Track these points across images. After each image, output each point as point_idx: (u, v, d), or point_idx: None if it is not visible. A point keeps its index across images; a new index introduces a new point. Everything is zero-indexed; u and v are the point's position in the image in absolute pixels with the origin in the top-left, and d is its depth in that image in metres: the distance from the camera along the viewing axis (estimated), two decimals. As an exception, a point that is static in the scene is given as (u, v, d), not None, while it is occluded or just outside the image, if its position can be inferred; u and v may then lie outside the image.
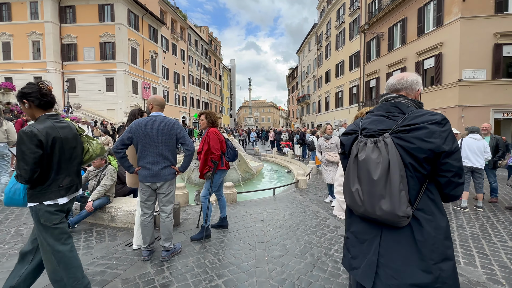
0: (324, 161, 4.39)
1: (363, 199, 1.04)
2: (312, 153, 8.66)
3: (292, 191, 5.42)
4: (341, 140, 1.27)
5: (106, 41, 24.14)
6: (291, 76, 53.72)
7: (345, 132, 1.25)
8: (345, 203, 1.50)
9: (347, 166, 1.17)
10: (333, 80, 27.16)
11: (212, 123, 3.02)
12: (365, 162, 1.04)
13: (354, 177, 1.09)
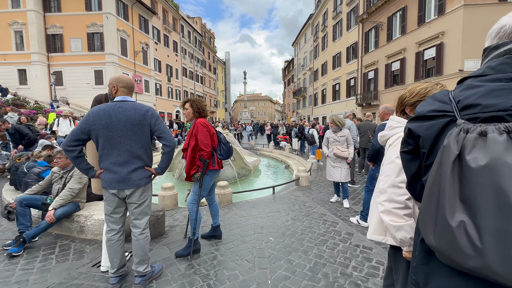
0: (331, 155, 3.89)
1: (483, 245, 0.51)
2: (312, 147, 8.15)
3: (292, 189, 4.92)
4: (411, 128, 0.73)
5: (93, 31, 23.01)
6: (286, 69, 52.89)
7: (422, 114, 0.71)
8: (400, 230, 0.96)
9: (431, 176, 0.63)
10: (330, 72, 26.59)
11: (199, 112, 2.45)
12: (489, 172, 0.50)
13: (455, 198, 0.56)
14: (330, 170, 3.97)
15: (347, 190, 3.91)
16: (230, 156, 2.52)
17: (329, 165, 4.00)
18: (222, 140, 2.51)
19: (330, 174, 3.97)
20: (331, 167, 3.96)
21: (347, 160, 3.80)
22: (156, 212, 2.79)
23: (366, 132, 5.95)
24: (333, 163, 3.89)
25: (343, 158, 3.77)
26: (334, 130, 3.92)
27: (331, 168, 3.95)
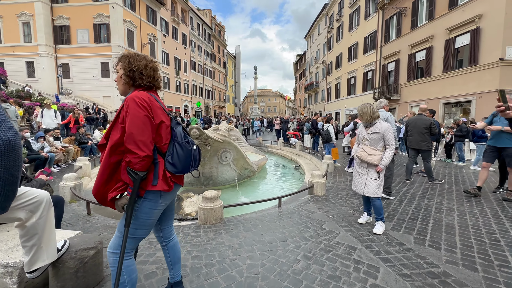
0: (355, 157, 2.82)
1: None
2: (328, 145, 6.99)
3: (305, 199, 3.84)
4: None
5: (100, 22, 22.48)
6: (298, 63, 51.12)
7: None
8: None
9: None
10: (344, 65, 24.96)
11: (133, 78, 1.37)
12: None
13: None
14: (355, 177, 2.91)
15: (378, 209, 2.72)
16: (193, 167, 1.47)
17: (354, 170, 2.92)
18: (178, 137, 1.41)
19: (354, 182, 2.91)
20: (356, 173, 2.89)
21: (377, 168, 2.68)
22: (81, 251, 1.67)
23: (418, 129, 4.81)
24: (358, 169, 2.80)
25: (371, 164, 2.70)
26: (365, 124, 2.80)
27: (356, 175, 2.89)
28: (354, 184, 2.90)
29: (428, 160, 4.90)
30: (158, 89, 1.51)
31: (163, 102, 1.60)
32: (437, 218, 3.08)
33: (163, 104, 1.50)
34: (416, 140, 4.84)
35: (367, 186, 2.72)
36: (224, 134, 5.29)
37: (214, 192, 2.98)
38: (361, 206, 3.35)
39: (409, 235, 2.62)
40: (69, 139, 7.05)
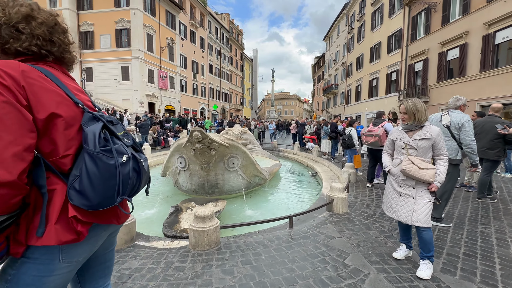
0: (396, 173, 2.15)
1: None
2: (350, 151, 6.23)
3: (322, 218, 3.15)
4: None
5: (121, 27, 23.13)
6: (316, 65, 49.92)
7: None
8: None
9: None
10: (366, 66, 23.70)
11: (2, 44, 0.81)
12: None
13: None
14: (392, 199, 2.17)
15: (428, 244, 1.98)
16: (125, 195, 0.85)
17: (391, 190, 2.19)
18: (89, 143, 0.79)
19: (391, 205, 2.17)
20: (394, 193, 2.15)
21: (430, 187, 1.99)
22: None
23: (487, 134, 3.91)
24: (400, 188, 2.10)
25: (421, 181, 2.00)
26: (407, 127, 2.10)
27: (394, 196, 2.15)
28: (393, 209, 2.15)
29: (489, 174, 3.95)
30: (61, 61, 0.97)
31: (76, 85, 1.03)
32: (504, 255, 2.29)
33: (73, 86, 0.96)
34: (483, 147, 3.90)
35: (417, 212, 1.98)
36: (232, 137, 4.76)
37: (208, 210, 2.41)
38: (395, 232, 2.62)
39: (470, 282, 1.88)
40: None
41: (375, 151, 4.93)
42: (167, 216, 3.69)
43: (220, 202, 4.36)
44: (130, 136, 0.99)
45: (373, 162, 5.09)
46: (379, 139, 4.61)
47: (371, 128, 4.89)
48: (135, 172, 0.89)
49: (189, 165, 4.83)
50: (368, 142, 4.86)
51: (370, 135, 4.79)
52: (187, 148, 4.46)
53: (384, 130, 4.63)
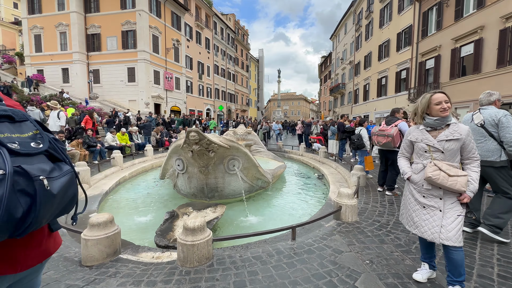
0: (418, 180, 1.80)
1: None
2: (360, 152, 5.86)
3: (329, 227, 2.83)
4: None
5: (127, 29, 23.27)
6: (323, 65, 49.26)
7: None
8: None
9: None
10: (374, 65, 23.08)
11: None
12: None
13: None
14: (414, 212, 1.82)
15: (459, 266, 1.65)
16: (15, 229, 0.62)
17: (411, 200, 1.85)
18: None
19: (413, 219, 1.82)
20: (416, 204, 1.81)
21: (462, 197, 1.65)
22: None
23: None
24: (424, 199, 1.77)
25: (451, 191, 1.68)
26: (430, 125, 1.78)
27: (416, 208, 1.81)
28: (415, 223, 1.81)
29: None
30: None
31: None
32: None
33: None
34: None
35: (446, 228, 1.64)
36: (233, 138, 4.48)
37: (199, 221, 2.13)
38: (414, 246, 2.28)
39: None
40: (77, 142, 6.76)
41: (388, 153, 4.47)
42: (161, 223, 3.44)
43: (219, 207, 4.08)
44: (45, 139, 0.71)
45: (386, 165, 4.65)
46: (392, 140, 4.14)
47: (383, 127, 4.40)
48: (24, 195, 0.61)
49: (187, 168, 4.58)
50: (379, 143, 4.38)
51: (382, 135, 4.32)
52: (185, 150, 4.21)
53: (398, 129, 4.19)
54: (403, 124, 4.27)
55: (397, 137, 4.17)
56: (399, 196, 4.32)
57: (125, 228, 3.84)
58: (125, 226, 3.89)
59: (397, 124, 4.29)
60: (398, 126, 4.26)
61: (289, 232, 2.69)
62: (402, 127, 4.22)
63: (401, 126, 4.24)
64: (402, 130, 4.20)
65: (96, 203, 4.40)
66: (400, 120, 4.36)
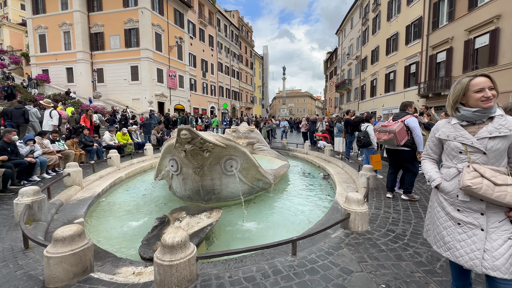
0: (452, 190, 1.39)
1: None
2: (367, 151, 5.43)
3: (336, 237, 2.44)
4: None
5: (130, 27, 23.14)
6: (328, 61, 48.38)
7: None
8: None
9: None
10: (382, 59, 22.35)
11: None
12: None
13: None
14: (445, 229, 1.42)
15: None
16: None
17: (442, 215, 1.45)
18: None
19: (444, 239, 1.43)
20: (447, 220, 1.41)
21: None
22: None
23: None
24: (459, 213, 1.35)
25: (497, 204, 1.27)
26: (469, 118, 1.38)
27: (448, 225, 1.41)
28: (446, 244, 1.41)
29: None
30: None
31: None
32: None
33: None
34: None
35: (491, 253, 1.25)
36: (230, 137, 4.13)
37: (180, 234, 1.78)
38: (439, 264, 1.88)
39: None
40: (72, 141, 6.52)
41: (396, 153, 3.92)
42: (149, 231, 3.12)
43: (215, 212, 3.74)
44: None
45: (395, 167, 4.13)
46: (394, 137, 3.64)
47: (388, 123, 3.90)
48: None
49: (181, 169, 4.25)
50: (380, 139, 3.89)
51: (383, 131, 3.83)
52: (178, 150, 3.88)
53: (403, 125, 3.67)
54: (412, 120, 3.75)
55: (401, 133, 3.65)
56: (419, 201, 3.86)
57: (114, 234, 3.55)
58: (114, 232, 3.61)
59: (404, 120, 3.77)
60: (404, 121, 3.74)
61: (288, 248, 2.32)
62: (410, 122, 3.71)
63: (408, 121, 3.73)
64: (410, 126, 3.71)
65: (85, 207, 4.12)
66: (409, 115, 3.84)
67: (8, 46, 34.62)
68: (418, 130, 3.68)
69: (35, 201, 3.16)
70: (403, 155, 3.83)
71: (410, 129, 3.71)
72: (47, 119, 6.48)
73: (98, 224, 3.84)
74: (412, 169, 3.88)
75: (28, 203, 3.09)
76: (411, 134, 3.70)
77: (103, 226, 3.75)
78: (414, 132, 3.68)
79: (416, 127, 3.68)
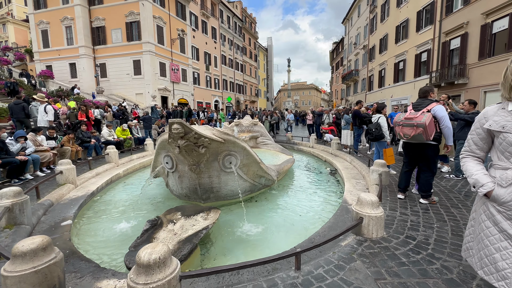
0: (509, 199, 1.04)
1: None
2: (379, 144, 5.02)
3: (347, 248, 2.08)
4: None
5: (131, 20, 22.75)
6: (334, 51, 47.12)
7: None
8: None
9: None
10: (391, 48, 21.45)
11: None
12: None
13: None
14: (498, 251, 1.06)
15: None
16: None
17: (492, 231, 1.09)
18: None
19: (495, 263, 1.06)
20: (503, 240, 1.05)
21: None
22: None
23: None
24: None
25: None
26: None
27: (504, 247, 1.05)
28: (500, 271, 1.07)
29: None
30: None
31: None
32: None
33: None
34: None
35: None
36: (227, 131, 3.79)
37: (159, 249, 1.47)
38: (475, 283, 1.53)
39: None
40: (68, 137, 6.29)
41: (419, 148, 3.34)
42: (139, 236, 2.84)
43: (212, 212, 3.43)
44: None
45: (413, 163, 3.58)
46: (424, 131, 3.06)
47: (411, 115, 3.24)
48: None
49: (177, 166, 3.95)
50: (406, 135, 3.25)
51: (409, 125, 3.19)
52: (172, 145, 3.56)
53: (432, 116, 3.10)
54: (439, 108, 3.17)
55: (431, 126, 3.09)
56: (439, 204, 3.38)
57: (103, 238, 3.29)
58: (103, 236, 3.35)
59: (430, 109, 3.17)
60: (432, 111, 3.15)
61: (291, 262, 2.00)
62: (439, 112, 3.15)
63: (436, 110, 3.15)
64: (438, 116, 3.15)
65: (76, 207, 3.87)
66: (435, 102, 3.23)
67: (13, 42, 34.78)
68: (447, 120, 3.17)
69: (15, 203, 2.90)
70: (429, 151, 3.29)
71: (438, 120, 3.18)
72: (42, 115, 6.26)
73: (88, 226, 3.59)
74: (432, 168, 3.38)
75: (7, 206, 2.84)
76: (439, 126, 3.20)
77: (93, 228, 3.50)
78: (442, 122, 3.16)
79: (445, 116, 3.17)
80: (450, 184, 4.14)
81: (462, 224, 2.59)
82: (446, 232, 2.41)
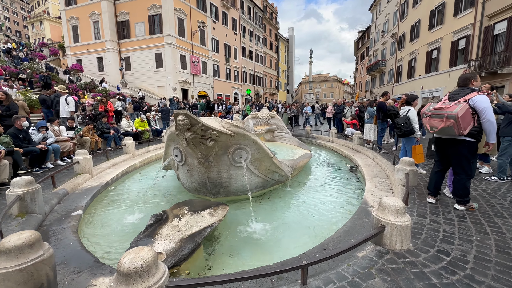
0: None
1: None
2: (408, 140, 4.51)
3: (365, 260, 1.76)
4: None
5: (153, 13, 23.13)
6: (360, 41, 44.63)
7: None
8: None
9: None
10: (423, 35, 19.72)
11: None
12: None
13: None
14: None
15: None
16: None
17: None
18: None
19: None
20: None
21: None
22: None
23: None
24: None
25: None
26: None
27: None
28: None
29: None
30: None
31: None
32: None
33: None
34: None
35: None
36: (236, 123, 3.56)
37: (142, 255, 1.30)
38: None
39: None
40: (87, 128, 6.47)
41: (452, 145, 2.85)
42: (142, 231, 2.74)
43: (220, 208, 3.27)
44: None
45: (445, 163, 3.10)
46: (455, 124, 2.59)
47: (443, 105, 2.77)
48: None
49: (185, 159, 3.82)
50: (433, 128, 2.81)
51: (438, 115, 2.74)
52: (179, 137, 3.42)
53: (468, 106, 2.59)
54: (481, 98, 2.60)
55: (465, 118, 2.57)
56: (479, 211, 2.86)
57: (109, 230, 3.26)
58: (111, 227, 3.33)
59: (468, 99, 2.64)
60: (470, 101, 2.62)
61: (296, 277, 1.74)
62: (479, 103, 2.58)
63: (476, 101, 2.59)
64: (478, 108, 2.59)
65: (89, 197, 3.91)
66: (476, 92, 2.67)
67: (48, 39, 37.20)
68: (489, 112, 2.57)
69: (27, 192, 2.94)
70: (462, 148, 2.78)
71: (478, 112, 2.62)
72: (64, 106, 6.51)
73: (98, 217, 3.60)
74: (468, 169, 2.82)
75: (19, 195, 2.87)
76: (478, 119, 2.65)
77: (102, 219, 3.49)
78: (483, 115, 2.59)
79: (487, 108, 2.57)
80: (491, 188, 3.59)
81: (510, 239, 2.15)
82: (488, 248, 2.00)
